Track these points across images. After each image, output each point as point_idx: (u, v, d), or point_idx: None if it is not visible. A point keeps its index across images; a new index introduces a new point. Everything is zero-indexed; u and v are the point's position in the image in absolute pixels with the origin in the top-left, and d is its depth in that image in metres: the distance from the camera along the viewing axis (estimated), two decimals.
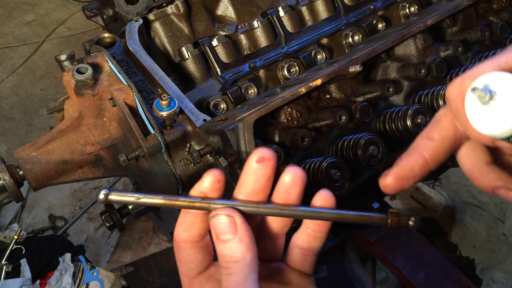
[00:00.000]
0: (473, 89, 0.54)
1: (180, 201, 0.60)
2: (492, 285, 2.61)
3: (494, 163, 0.65)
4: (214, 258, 0.68)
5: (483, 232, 2.82)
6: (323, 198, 0.64)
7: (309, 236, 0.67)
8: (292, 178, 0.62)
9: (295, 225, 0.69)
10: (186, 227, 0.64)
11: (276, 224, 0.67)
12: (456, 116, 0.60)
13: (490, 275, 2.64)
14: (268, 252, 0.70)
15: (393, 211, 0.65)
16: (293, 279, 0.70)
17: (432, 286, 2.21)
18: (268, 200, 0.64)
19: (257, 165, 0.60)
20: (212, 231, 0.61)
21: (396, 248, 2.32)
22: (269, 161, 0.60)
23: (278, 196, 0.63)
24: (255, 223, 0.68)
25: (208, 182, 0.62)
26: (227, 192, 1.19)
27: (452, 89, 0.58)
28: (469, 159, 0.65)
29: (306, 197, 1.08)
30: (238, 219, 0.60)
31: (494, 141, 0.59)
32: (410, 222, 0.64)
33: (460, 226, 2.87)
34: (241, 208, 0.62)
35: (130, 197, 0.59)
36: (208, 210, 0.61)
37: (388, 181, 0.65)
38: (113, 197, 0.59)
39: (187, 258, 0.66)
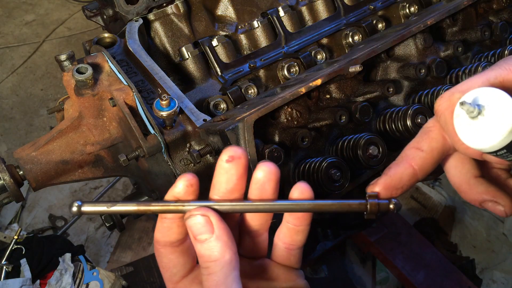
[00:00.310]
0: (462, 103, 0.55)
1: (153, 206, 0.60)
2: (492, 285, 2.61)
3: (481, 176, 0.66)
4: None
5: (483, 232, 2.83)
6: (300, 191, 0.63)
7: (290, 231, 0.67)
8: (264, 174, 0.61)
9: (275, 220, 0.69)
10: (164, 233, 0.64)
11: (255, 221, 0.67)
12: (444, 129, 0.61)
13: (490, 275, 2.64)
14: (252, 250, 0.70)
15: (371, 194, 0.63)
16: (280, 274, 0.70)
17: (432, 286, 2.21)
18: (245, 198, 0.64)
19: (227, 165, 0.60)
20: (189, 232, 0.60)
21: (396, 248, 2.32)
22: (239, 159, 0.60)
23: (253, 193, 0.63)
24: (235, 222, 0.67)
25: (181, 187, 0.61)
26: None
27: (441, 102, 0.59)
28: (457, 172, 0.66)
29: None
30: (214, 218, 0.59)
31: (482, 155, 0.60)
32: (391, 206, 0.63)
33: (460, 226, 2.87)
34: (216, 207, 0.61)
35: (102, 207, 0.60)
36: (183, 213, 0.61)
37: (376, 190, 0.64)
38: (86, 208, 0.59)
39: (168, 263, 0.66)
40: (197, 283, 0.66)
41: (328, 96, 1.15)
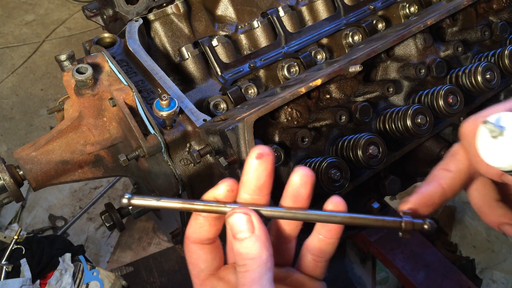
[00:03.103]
0: (485, 122, 0.59)
1: (196, 205, 0.63)
2: (492, 285, 2.61)
3: (501, 200, 0.70)
4: (225, 262, 0.70)
5: (483, 232, 2.82)
6: (334, 204, 0.65)
7: (321, 242, 0.69)
8: (301, 178, 0.64)
9: (304, 227, 0.70)
10: (196, 230, 0.66)
11: (287, 226, 0.69)
12: (468, 150, 0.65)
13: (490, 275, 2.64)
14: (279, 256, 0.71)
15: (406, 212, 0.65)
16: (305, 283, 0.71)
17: (432, 286, 2.21)
18: (276, 202, 0.66)
19: (257, 161, 0.62)
20: (229, 230, 0.62)
21: (396, 248, 2.32)
22: (268, 156, 0.62)
23: (288, 197, 0.65)
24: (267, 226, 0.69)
25: (223, 190, 0.64)
26: None
27: (466, 125, 0.64)
28: (479, 195, 0.71)
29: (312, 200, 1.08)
30: (255, 218, 0.61)
31: (502, 176, 0.64)
32: (426, 226, 0.64)
33: (460, 226, 2.87)
34: (257, 210, 0.63)
35: (150, 201, 0.62)
36: (223, 213, 0.63)
37: (408, 207, 0.67)
38: (135, 201, 0.62)
39: (197, 259, 0.68)
40: (225, 282, 0.68)
41: (328, 96, 1.15)
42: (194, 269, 0.69)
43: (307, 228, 0.70)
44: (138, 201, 0.62)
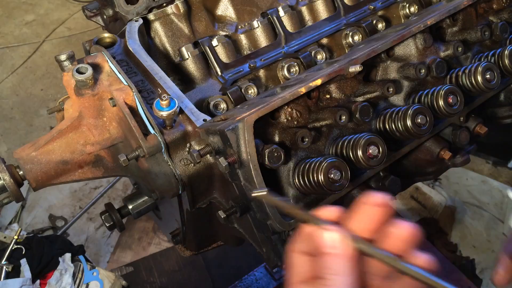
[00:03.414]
0: None
1: (310, 217, 0.65)
2: (492, 285, 2.61)
3: None
4: None
5: (483, 232, 2.82)
6: (429, 264, 0.65)
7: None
8: (409, 233, 0.64)
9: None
10: (299, 241, 0.68)
11: (377, 267, 0.68)
12: None
13: (490, 275, 2.64)
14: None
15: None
16: None
17: None
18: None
19: (375, 208, 0.64)
20: (320, 244, 0.63)
21: None
22: (389, 207, 0.64)
23: (390, 242, 0.64)
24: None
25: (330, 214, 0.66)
26: (226, 191, 1.19)
27: None
28: None
29: (314, 202, 1.08)
30: (348, 238, 0.62)
31: None
32: None
33: (460, 226, 2.87)
34: (364, 247, 0.63)
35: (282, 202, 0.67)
36: (316, 227, 0.65)
37: (500, 273, 0.70)
38: (267, 198, 0.67)
39: (297, 262, 0.68)
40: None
41: (328, 96, 1.15)
42: (293, 270, 0.69)
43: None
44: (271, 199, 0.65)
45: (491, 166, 3.06)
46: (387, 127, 1.13)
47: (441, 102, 1.13)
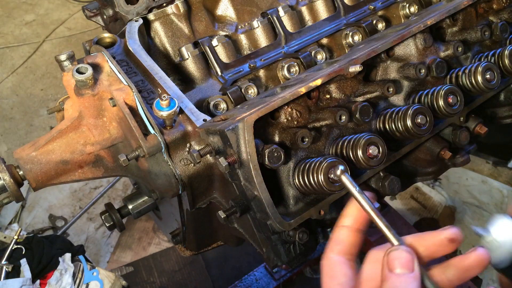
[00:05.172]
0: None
1: (378, 217, 0.68)
2: (492, 285, 2.61)
3: None
4: None
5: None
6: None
7: None
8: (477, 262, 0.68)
9: None
10: (341, 240, 0.69)
11: None
12: None
13: (490, 275, 2.64)
14: None
15: None
16: None
17: None
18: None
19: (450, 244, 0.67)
20: (388, 263, 0.63)
21: None
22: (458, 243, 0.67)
23: (455, 269, 0.68)
24: None
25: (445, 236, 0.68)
26: (226, 191, 1.19)
27: None
28: None
29: (314, 202, 1.08)
30: (416, 259, 0.63)
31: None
32: None
33: (460, 226, 2.87)
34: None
35: (353, 187, 0.68)
36: (390, 242, 0.66)
37: None
38: (345, 179, 0.68)
39: (339, 272, 0.68)
40: None
41: (328, 96, 1.15)
42: (332, 281, 0.68)
43: None
44: (346, 179, 0.67)
45: (491, 166, 3.06)
46: (387, 127, 1.13)
47: (441, 102, 1.13)
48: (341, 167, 0.64)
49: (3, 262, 1.92)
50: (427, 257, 0.67)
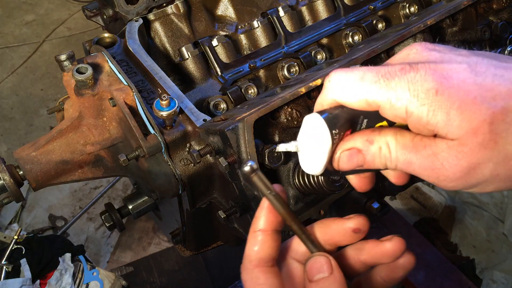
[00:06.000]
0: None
1: (295, 224, 0.63)
2: (492, 285, 2.61)
3: None
4: None
5: (483, 232, 2.82)
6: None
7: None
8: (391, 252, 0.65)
9: None
10: (259, 248, 0.65)
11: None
12: None
13: (490, 275, 2.64)
14: None
15: None
16: None
17: (432, 286, 2.21)
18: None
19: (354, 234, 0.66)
20: (307, 273, 0.62)
21: None
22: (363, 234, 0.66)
23: (367, 254, 0.66)
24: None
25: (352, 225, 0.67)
26: (226, 191, 1.19)
27: None
28: None
29: (314, 202, 1.08)
30: (333, 261, 0.62)
31: None
32: None
33: (460, 226, 2.87)
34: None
35: (264, 188, 0.62)
36: (309, 249, 0.64)
37: None
38: (256, 178, 0.61)
39: (265, 282, 0.64)
40: None
41: None
42: None
43: None
44: (258, 178, 0.61)
45: None
46: None
47: None
48: (250, 163, 0.58)
49: (3, 262, 1.92)
50: (332, 246, 0.67)
